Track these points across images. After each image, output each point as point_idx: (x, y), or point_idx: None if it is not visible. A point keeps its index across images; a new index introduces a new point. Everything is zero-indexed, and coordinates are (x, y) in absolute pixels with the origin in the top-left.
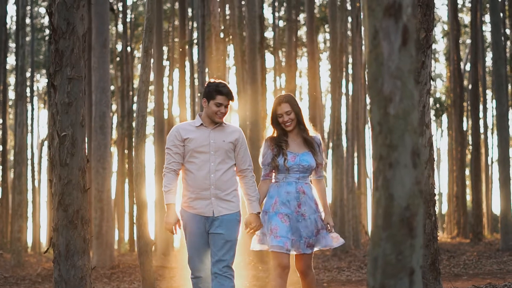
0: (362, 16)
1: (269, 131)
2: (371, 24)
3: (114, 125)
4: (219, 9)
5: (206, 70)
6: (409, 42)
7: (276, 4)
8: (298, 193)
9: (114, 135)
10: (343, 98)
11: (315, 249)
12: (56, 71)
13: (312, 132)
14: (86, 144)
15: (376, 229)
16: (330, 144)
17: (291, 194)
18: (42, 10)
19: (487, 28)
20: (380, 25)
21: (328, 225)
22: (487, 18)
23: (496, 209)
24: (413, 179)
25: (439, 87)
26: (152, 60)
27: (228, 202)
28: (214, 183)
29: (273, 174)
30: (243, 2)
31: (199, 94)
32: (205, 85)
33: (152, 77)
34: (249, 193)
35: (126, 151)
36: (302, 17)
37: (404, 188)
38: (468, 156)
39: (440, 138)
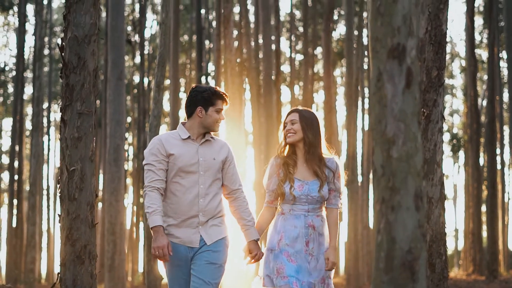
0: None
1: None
2: (375, 66)
3: (131, 157)
4: (236, 42)
5: None
6: (413, 85)
7: (293, 38)
8: (307, 228)
9: (131, 166)
10: (359, 132)
11: None
12: (66, 105)
13: (327, 154)
14: (102, 176)
15: (378, 272)
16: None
17: (298, 229)
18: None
19: (504, 65)
20: (384, 67)
21: (328, 261)
22: (505, 54)
23: None
24: (416, 222)
25: (456, 123)
26: (168, 92)
27: (215, 227)
28: (203, 210)
29: (278, 202)
30: (260, 36)
31: None
32: (194, 92)
33: (168, 108)
34: (244, 217)
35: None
36: (319, 51)
37: (406, 232)
38: (485, 193)
39: (457, 174)
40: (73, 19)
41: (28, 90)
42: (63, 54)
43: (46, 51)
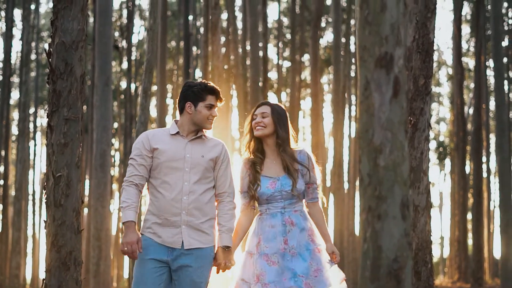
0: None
1: (245, 145)
2: (362, 75)
3: (117, 163)
4: (224, 49)
5: None
6: (400, 94)
7: (281, 45)
8: (284, 225)
9: (117, 172)
10: (346, 139)
11: None
12: (53, 111)
13: (295, 146)
14: (88, 181)
15: (364, 281)
16: (331, 186)
17: (276, 228)
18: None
19: (491, 73)
20: (371, 76)
21: (334, 255)
22: (491, 62)
23: (498, 254)
24: (402, 231)
25: (443, 131)
26: (155, 99)
27: (201, 233)
28: (186, 208)
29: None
30: (247, 43)
31: None
32: (185, 87)
33: (155, 114)
34: (220, 222)
35: None
36: (306, 58)
37: (393, 240)
38: (471, 200)
39: (443, 182)
40: (61, 25)
41: (15, 95)
42: (50, 60)
43: (33, 56)
